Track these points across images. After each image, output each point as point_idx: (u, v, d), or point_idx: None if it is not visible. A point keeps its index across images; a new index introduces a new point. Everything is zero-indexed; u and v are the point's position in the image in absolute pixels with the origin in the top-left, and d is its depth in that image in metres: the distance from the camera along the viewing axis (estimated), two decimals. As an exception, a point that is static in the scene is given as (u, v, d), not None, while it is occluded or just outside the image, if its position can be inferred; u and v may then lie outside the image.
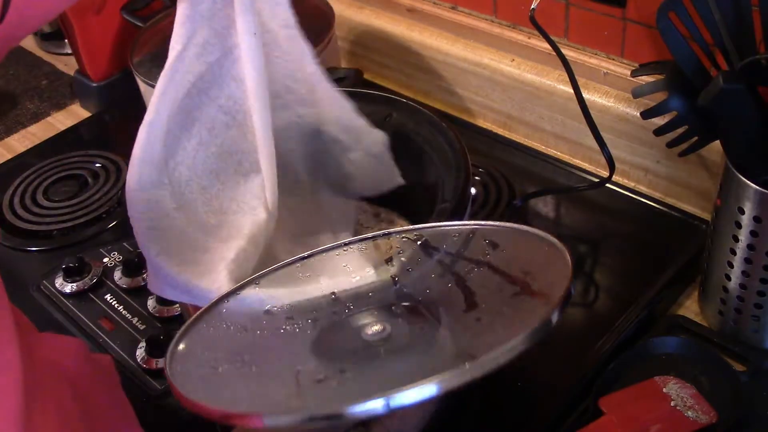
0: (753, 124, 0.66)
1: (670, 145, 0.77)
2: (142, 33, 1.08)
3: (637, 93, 0.76)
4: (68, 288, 0.89)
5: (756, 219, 0.68)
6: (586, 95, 0.88)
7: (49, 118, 1.23)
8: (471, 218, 0.69)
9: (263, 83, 0.61)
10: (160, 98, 0.60)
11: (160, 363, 0.79)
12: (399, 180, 0.66)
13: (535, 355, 0.77)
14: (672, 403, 0.69)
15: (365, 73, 1.14)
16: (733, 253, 0.72)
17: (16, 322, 0.51)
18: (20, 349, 0.49)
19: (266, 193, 0.61)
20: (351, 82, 0.94)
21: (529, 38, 0.99)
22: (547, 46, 0.82)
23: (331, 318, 0.53)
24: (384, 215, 0.73)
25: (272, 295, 0.55)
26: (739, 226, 0.70)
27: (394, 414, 0.57)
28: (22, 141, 1.19)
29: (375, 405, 0.40)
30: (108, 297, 0.88)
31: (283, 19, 0.62)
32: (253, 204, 0.62)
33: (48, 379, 0.54)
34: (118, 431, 0.60)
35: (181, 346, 0.51)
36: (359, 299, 0.54)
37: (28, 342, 0.52)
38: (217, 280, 0.57)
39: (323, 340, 0.51)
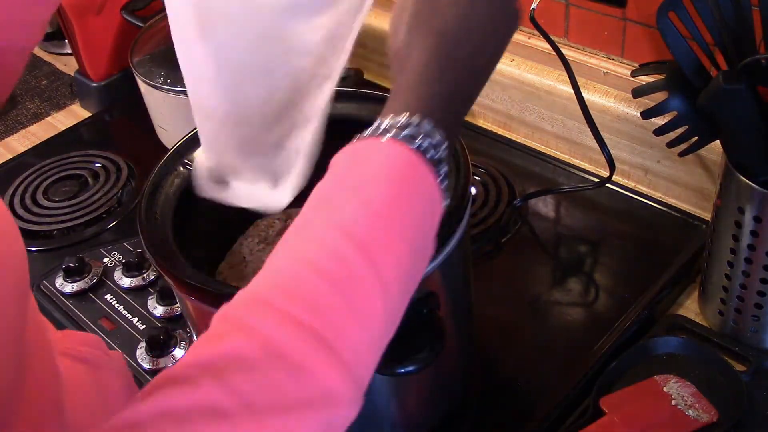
0: (753, 124, 0.66)
1: (670, 145, 0.77)
2: (142, 33, 1.08)
3: (637, 93, 0.76)
4: (68, 288, 0.89)
5: (756, 219, 0.68)
6: (586, 95, 0.88)
7: (49, 118, 1.24)
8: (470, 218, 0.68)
9: None
10: None
11: (161, 363, 0.79)
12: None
13: (536, 355, 0.78)
14: (673, 402, 0.69)
15: (365, 73, 1.14)
16: (733, 253, 0.72)
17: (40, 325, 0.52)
18: (49, 350, 0.50)
19: None
20: (351, 82, 0.94)
21: (529, 38, 0.99)
22: (547, 46, 0.82)
23: None
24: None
25: None
26: (739, 226, 0.70)
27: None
28: (22, 141, 1.19)
29: None
30: (108, 297, 0.88)
31: None
32: None
33: (72, 371, 0.55)
34: None
35: None
36: None
37: (50, 339, 0.53)
38: None
39: None
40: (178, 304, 0.84)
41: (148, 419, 0.36)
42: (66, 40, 1.28)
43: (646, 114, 0.76)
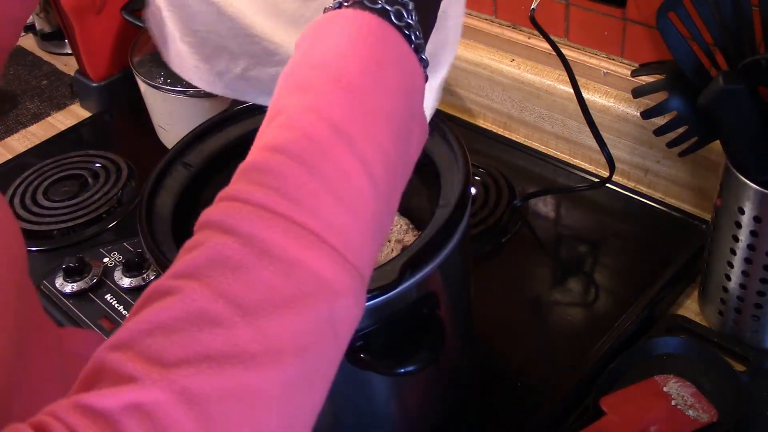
0: (753, 124, 0.66)
1: (670, 145, 0.77)
2: (142, 33, 1.08)
3: (637, 93, 0.76)
4: (68, 288, 0.88)
5: (756, 219, 0.68)
6: (586, 95, 0.88)
7: (49, 118, 1.23)
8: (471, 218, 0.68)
9: None
10: None
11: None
12: None
13: (536, 355, 0.78)
14: (673, 402, 0.69)
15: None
16: (733, 253, 0.72)
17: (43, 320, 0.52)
18: (52, 347, 0.50)
19: None
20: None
21: (529, 38, 0.99)
22: (547, 46, 0.83)
23: None
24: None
25: None
26: (739, 226, 0.70)
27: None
28: (22, 141, 1.19)
29: None
30: (108, 297, 0.88)
31: None
32: None
33: (77, 371, 0.55)
34: None
35: None
36: None
37: (55, 336, 0.53)
38: None
39: None
40: (178, 304, 0.84)
41: (138, 336, 0.34)
42: (66, 40, 1.28)
43: (646, 114, 0.76)
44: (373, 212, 0.40)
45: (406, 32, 0.43)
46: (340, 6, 0.43)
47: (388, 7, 0.42)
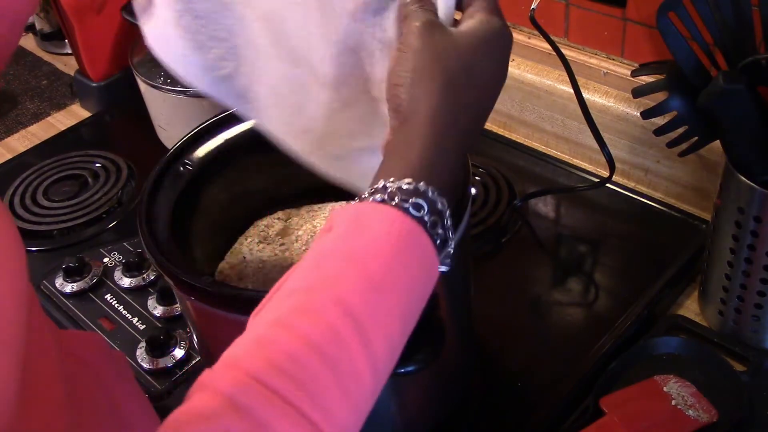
0: (753, 124, 0.66)
1: (670, 145, 0.77)
2: (142, 33, 1.08)
3: (637, 93, 0.76)
4: (68, 288, 0.89)
5: (756, 219, 0.68)
6: (586, 95, 0.88)
7: (49, 118, 1.24)
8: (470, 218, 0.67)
9: None
10: None
11: (161, 363, 0.79)
12: None
13: (536, 355, 0.78)
14: (673, 402, 0.69)
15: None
16: (733, 253, 0.72)
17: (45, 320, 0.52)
18: (54, 351, 0.50)
19: None
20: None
21: (529, 38, 0.99)
22: (547, 46, 0.82)
23: None
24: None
25: None
26: (739, 226, 0.70)
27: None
28: (22, 141, 1.19)
29: None
30: (108, 297, 0.88)
31: None
32: None
33: (78, 373, 0.55)
34: (139, 421, 0.61)
35: None
36: None
37: (55, 339, 0.53)
38: None
39: None
40: (178, 304, 0.84)
41: None
42: (66, 40, 1.28)
43: (646, 114, 0.76)
44: (368, 398, 0.42)
45: (436, 238, 0.45)
46: (381, 200, 0.45)
47: (427, 216, 0.45)
